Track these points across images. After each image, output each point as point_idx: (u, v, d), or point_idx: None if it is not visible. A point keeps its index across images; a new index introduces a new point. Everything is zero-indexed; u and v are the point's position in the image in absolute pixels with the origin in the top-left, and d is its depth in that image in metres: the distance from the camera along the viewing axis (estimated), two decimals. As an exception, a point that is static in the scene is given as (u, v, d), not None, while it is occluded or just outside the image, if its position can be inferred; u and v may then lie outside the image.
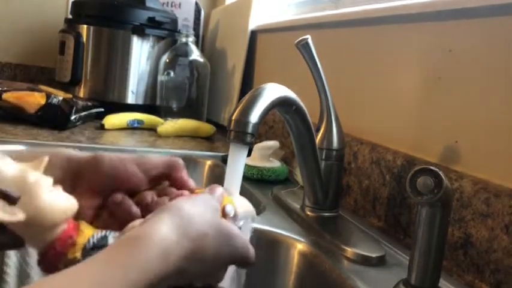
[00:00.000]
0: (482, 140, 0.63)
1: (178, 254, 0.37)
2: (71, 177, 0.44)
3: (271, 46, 1.40)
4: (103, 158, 0.45)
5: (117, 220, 0.44)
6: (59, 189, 0.39)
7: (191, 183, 0.48)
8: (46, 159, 0.38)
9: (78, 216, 0.41)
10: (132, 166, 0.46)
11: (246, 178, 0.96)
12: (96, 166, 0.45)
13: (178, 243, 0.37)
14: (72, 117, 1.26)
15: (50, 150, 0.46)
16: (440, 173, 0.47)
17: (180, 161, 0.48)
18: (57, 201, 0.37)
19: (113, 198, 0.45)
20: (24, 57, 1.82)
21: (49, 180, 0.38)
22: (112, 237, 0.40)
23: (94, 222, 0.44)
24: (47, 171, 0.40)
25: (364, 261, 0.63)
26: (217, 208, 0.43)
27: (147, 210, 0.44)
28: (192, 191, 0.47)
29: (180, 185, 0.47)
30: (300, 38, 0.71)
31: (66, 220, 0.39)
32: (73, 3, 1.61)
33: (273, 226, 0.72)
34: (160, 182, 0.48)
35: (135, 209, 0.45)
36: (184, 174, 0.48)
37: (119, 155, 0.46)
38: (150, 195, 0.46)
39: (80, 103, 1.33)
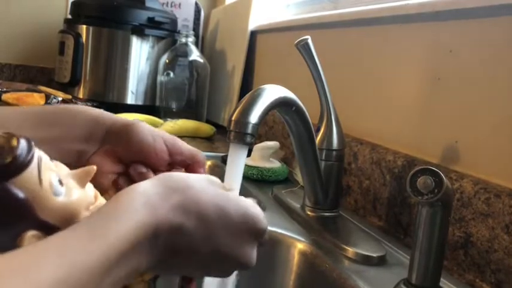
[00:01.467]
0: (482, 140, 0.63)
1: (168, 206, 0.34)
2: (97, 139, 0.45)
3: (271, 46, 1.40)
4: (138, 128, 0.45)
5: None
6: (97, 204, 0.37)
7: None
8: (94, 169, 0.36)
9: (99, 179, 0.40)
10: (161, 145, 0.46)
11: (246, 178, 0.96)
12: (128, 135, 0.45)
13: (165, 196, 0.35)
14: (72, 118, 1.26)
15: (77, 108, 0.46)
16: (441, 173, 0.47)
17: (204, 158, 0.50)
18: None
19: (136, 168, 0.45)
20: (23, 58, 1.82)
21: (90, 194, 0.36)
22: None
23: (112, 188, 0.44)
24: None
25: (365, 260, 0.63)
26: (212, 179, 0.41)
27: None
28: None
29: None
30: (300, 39, 0.71)
31: None
32: (72, 3, 1.61)
33: (274, 225, 0.72)
34: (177, 167, 0.48)
35: None
36: (202, 171, 0.49)
37: (156, 129, 0.47)
38: None
39: (80, 104, 1.33)
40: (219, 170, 1.10)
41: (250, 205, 0.40)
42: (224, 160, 1.11)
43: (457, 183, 0.61)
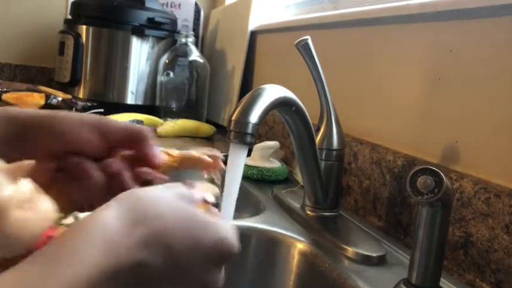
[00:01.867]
0: (482, 140, 0.63)
1: (130, 242, 0.32)
2: (15, 137, 0.41)
3: (271, 46, 1.40)
4: (58, 119, 0.42)
5: (78, 184, 0.42)
6: (35, 202, 0.34)
7: (158, 159, 0.44)
8: (26, 163, 0.33)
9: (36, 179, 0.36)
10: (87, 132, 0.42)
11: (246, 178, 0.96)
12: (49, 127, 0.42)
13: (127, 230, 0.32)
14: (72, 118, 1.26)
15: None
16: (441, 172, 0.47)
17: (145, 132, 0.44)
18: (27, 224, 0.33)
19: (71, 160, 0.42)
20: (23, 58, 1.82)
21: (25, 190, 0.34)
22: None
23: (52, 186, 0.41)
24: None
25: (365, 260, 0.63)
26: (183, 193, 0.38)
27: (115, 180, 0.42)
28: (157, 167, 0.43)
29: (145, 161, 0.44)
30: (300, 39, 0.71)
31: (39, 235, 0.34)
32: (72, 3, 1.61)
33: (274, 225, 0.73)
34: (121, 150, 0.44)
35: (97, 173, 0.42)
36: (149, 149, 0.43)
37: (82, 116, 0.43)
38: (114, 164, 0.43)
39: (80, 104, 1.33)
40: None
41: (223, 228, 0.37)
42: (224, 160, 1.11)
43: (457, 183, 0.61)
